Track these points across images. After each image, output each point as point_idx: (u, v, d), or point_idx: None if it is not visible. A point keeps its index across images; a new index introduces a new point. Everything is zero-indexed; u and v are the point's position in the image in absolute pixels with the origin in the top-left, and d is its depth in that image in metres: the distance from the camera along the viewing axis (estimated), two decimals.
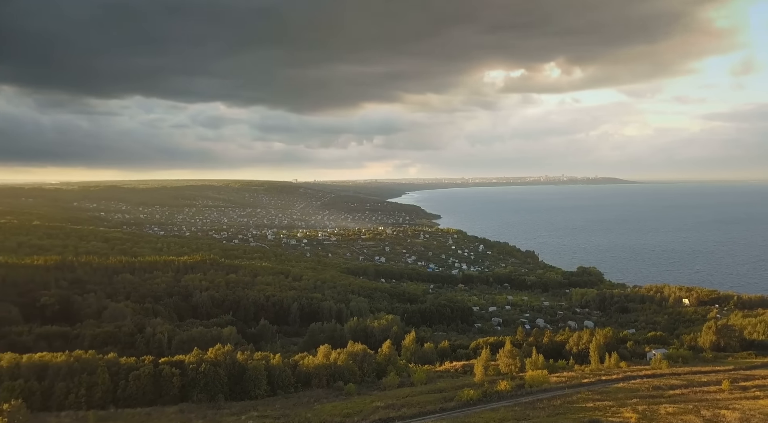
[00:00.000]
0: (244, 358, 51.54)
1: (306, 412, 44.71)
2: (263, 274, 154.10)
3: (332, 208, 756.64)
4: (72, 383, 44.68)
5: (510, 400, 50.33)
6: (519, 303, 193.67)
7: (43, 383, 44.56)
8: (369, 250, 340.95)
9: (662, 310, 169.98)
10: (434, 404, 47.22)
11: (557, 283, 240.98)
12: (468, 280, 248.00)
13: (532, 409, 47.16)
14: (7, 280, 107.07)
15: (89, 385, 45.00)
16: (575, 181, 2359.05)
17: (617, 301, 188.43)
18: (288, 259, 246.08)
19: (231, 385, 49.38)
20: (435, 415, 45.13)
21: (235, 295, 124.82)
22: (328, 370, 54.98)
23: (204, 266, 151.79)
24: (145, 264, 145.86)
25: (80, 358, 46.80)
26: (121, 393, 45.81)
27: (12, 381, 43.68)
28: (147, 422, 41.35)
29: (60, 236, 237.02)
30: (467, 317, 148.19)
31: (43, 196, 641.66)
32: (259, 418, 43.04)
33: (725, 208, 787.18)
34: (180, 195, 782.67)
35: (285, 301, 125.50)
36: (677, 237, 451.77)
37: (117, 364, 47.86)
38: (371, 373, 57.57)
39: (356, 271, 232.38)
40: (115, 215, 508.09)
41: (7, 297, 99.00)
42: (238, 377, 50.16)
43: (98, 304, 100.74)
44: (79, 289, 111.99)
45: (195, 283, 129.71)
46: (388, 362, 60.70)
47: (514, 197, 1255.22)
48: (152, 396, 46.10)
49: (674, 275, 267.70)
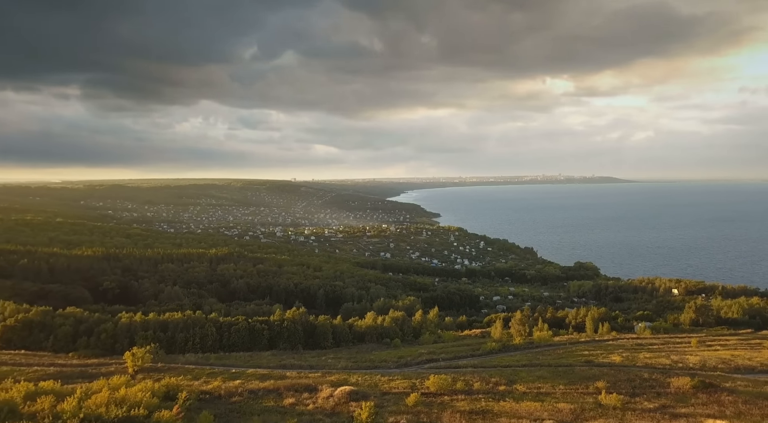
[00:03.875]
0: (314, 319, 65.16)
1: (368, 356, 58.51)
2: (287, 265, 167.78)
3: (334, 206, 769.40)
4: (188, 334, 58.11)
5: (523, 351, 64.24)
6: (520, 293, 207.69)
7: (167, 334, 58.02)
8: (374, 247, 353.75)
9: (653, 299, 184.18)
10: (465, 351, 61.04)
11: (555, 277, 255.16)
12: (471, 274, 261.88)
13: (541, 355, 61.12)
14: (71, 268, 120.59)
15: (201, 336, 58.46)
16: (572, 180, 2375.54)
17: (612, 291, 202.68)
18: (301, 254, 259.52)
19: (306, 339, 62.96)
20: (467, 358, 58.97)
21: (267, 283, 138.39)
22: (377, 330, 68.55)
23: (233, 258, 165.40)
24: (181, 255, 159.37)
25: (191, 317, 60.21)
26: (226, 341, 59.27)
27: (144, 332, 57.24)
28: (251, 359, 55.00)
29: (84, 232, 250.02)
30: (474, 304, 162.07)
31: (49, 195, 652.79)
32: (335, 358, 56.76)
33: (722, 207, 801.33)
34: (184, 194, 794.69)
35: (311, 288, 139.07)
36: (673, 234, 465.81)
37: (218, 322, 61.40)
38: (410, 333, 71.22)
39: (366, 266, 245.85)
40: (123, 213, 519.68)
41: (75, 282, 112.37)
42: (310, 333, 63.72)
43: (154, 288, 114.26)
44: (131, 276, 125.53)
45: (230, 271, 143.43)
46: (422, 326, 74.38)
47: (512, 196, 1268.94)
48: (249, 344, 59.59)
49: (668, 270, 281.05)
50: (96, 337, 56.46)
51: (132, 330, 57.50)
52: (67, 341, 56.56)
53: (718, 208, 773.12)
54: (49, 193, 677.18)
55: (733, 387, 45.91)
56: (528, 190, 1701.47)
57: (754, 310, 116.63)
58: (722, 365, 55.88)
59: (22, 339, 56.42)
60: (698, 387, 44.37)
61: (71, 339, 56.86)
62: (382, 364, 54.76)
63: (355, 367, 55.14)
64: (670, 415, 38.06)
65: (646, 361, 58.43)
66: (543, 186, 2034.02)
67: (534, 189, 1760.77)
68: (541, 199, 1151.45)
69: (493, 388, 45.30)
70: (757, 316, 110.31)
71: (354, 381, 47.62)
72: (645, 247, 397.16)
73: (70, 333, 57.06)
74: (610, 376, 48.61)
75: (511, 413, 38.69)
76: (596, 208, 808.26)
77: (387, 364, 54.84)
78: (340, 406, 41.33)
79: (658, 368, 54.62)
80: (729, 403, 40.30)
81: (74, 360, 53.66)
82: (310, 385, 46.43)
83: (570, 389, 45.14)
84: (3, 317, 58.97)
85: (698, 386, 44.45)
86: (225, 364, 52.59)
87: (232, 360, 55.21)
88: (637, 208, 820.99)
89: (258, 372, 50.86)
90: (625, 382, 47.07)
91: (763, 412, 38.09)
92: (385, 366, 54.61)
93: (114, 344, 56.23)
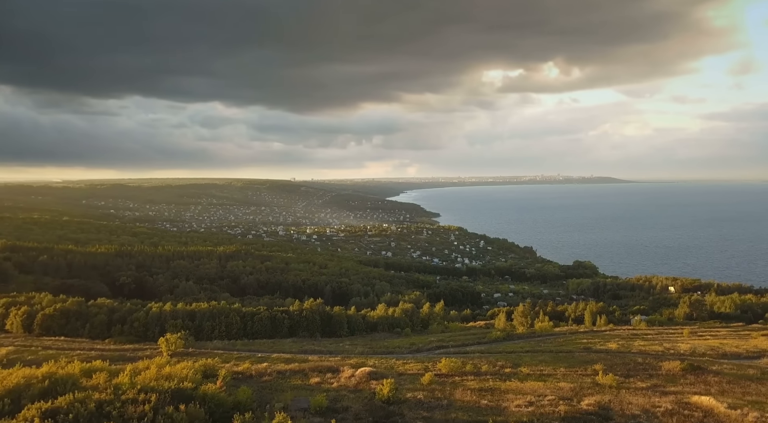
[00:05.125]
0: (329, 309, 69.74)
1: (382, 343, 62.89)
2: (293, 262, 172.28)
3: (334, 206, 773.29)
4: (214, 323, 62.50)
5: (526, 339, 68.60)
6: (521, 291, 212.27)
7: (194, 322, 62.40)
8: (376, 246, 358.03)
9: (649, 296, 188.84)
10: (472, 339, 65.40)
11: (554, 276, 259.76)
12: (471, 272, 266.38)
13: (543, 343, 65.49)
14: (88, 264, 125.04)
15: (227, 324, 62.86)
16: (571, 180, 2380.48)
17: (610, 288, 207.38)
18: (305, 252, 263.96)
19: (323, 327, 67.40)
20: (474, 346, 63.34)
21: (276, 279, 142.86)
22: (388, 320, 73.03)
23: (241, 255, 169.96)
24: (191, 253, 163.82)
25: (216, 307, 64.75)
26: (249, 329, 63.61)
27: (174, 320, 61.64)
28: (274, 345, 59.28)
29: (92, 231, 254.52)
30: (476, 300, 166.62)
31: (51, 194, 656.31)
32: (351, 345, 61.08)
33: (720, 207, 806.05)
34: (184, 193, 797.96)
35: (319, 284, 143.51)
36: (671, 234, 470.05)
37: (241, 311, 65.89)
38: (418, 324, 75.71)
39: (369, 264, 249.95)
40: (125, 213, 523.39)
41: (93, 277, 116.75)
42: (327, 322, 68.18)
43: (169, 284, 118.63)
44: (145, 272, 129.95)
45: (239, 268, 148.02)
46: (429, 317, 78.96)
47: (511, 196, 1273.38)
48: (270, 332, 63.96)
49: (666, 269, 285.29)
50: (129, 325, 60.83)
51: (162, 319, 61.90)
52: (102, 329, 60.93)
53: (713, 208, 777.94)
54: (51, 193, 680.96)
55: (719, 370, 50.03)
56: (527, 190, 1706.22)
57: (746, 305, 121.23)
58: (710, 352, 60.21)
59: (60, 327, 60.75)
60: (687, 369, 48.44)
61: (106, 327, 61.23)
62: (396, 350, 59.10)
63: (371, 352, 59.45)
64: (661, 392, 42.01)
65: (640, 348, 62.82)
66: (542, 186, 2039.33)
67: (533, 189, 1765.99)
68: (540, 199, 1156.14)
69: (500, 370, 49.45)
70: (748, 311, 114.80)
71: (371, 364, 51.78)
72: (643, 246, 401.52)
73: (105, 321, 61.44)
74: (607, 360, 52.88)
75: (517, 391, 42.71)
76: (595, 208, 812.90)
77: (400, 349, 59.18)
78: (362, 384, 45.39)
79: (651, 354, 58.96)
80: (714, 383, 44.11)
81: (111, 345, 57.92)
82: (332, 367, 50.60)
83: (570, 371, 49.39)
84: (41, 307, 63.29)
85: (687, 369, 48.52)
86: (251, 350, 56.87)
87: (257, 346, 59.45)
88: (635, 208, 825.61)
89: (282, 356, 55.09)
90: (621, 366, 51.35)
91: (745, 390, 42.05)
92: (398, 351, 58.94)
93: (146, 332, 60.59)
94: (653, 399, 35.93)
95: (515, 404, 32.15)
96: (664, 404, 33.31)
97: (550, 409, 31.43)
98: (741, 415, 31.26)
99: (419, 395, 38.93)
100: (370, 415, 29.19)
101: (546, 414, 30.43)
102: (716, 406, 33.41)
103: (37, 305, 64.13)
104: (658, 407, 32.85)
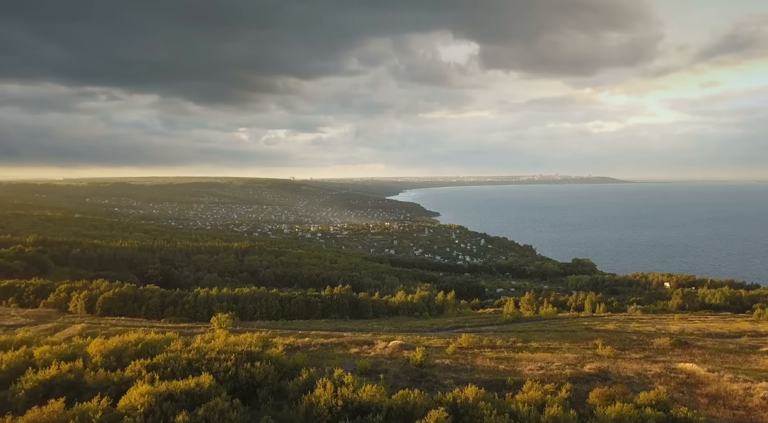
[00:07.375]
0: (356, 295, 77.58)
1: (405, 323, 70.69)
2: (305, 258, 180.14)
3: (335, 205, 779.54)
4: (256, 305, 70.10)
5: (534, 322, 76.42)
6: (522, 286, 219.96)
7: (238, 305, 70.02)
8: (379, 244, 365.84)
9: (646, 291, 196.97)
10: (485, 322, 73.18)
11: (554, 273, 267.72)
12: (473, 269, 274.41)
13: (548, 324, 73.29)
14: (117, 257, 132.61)
15: (267, 307, 70.51)
16: (569, 180, 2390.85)
17: (608, 284, 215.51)
18: (311, 249, 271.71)
19: (351, 310, 75.14)
20: (487, 326, 71.16)
21: (291, 273, 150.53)
22: (407, 305, 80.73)
23: (255, 251, 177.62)
24: (209, 248, 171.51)
25: (257, 291, 72.43)
26: (287, 311, 71.19)
27: (220, 303, 69.28)
28: (310, 325, 66.88)
29: (104, 227, 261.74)
30: (480, 294, 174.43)
31: (55, 193, 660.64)
32: (378, 324, 68.82)
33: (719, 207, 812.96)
34: (187, 192, 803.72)
35: (332, 278, 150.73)
36: (670, 233, 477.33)
37: (278, 296, 73.59)
38: (434, 309, 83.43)
39: (374, 260, 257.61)
40: (129, 211, 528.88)
41: (124, 270, 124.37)
42: (354, 306, 75.88)
43: (193, 276, 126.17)
44: (170, 265, 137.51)
45: (257, 262, 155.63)
46: (444, 304, 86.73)
47: (510, 196, 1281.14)
48: (306, 314, 71.55)
49: (662, 266, 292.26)
50: (180, 307, 68.34)
51: (209, 302, 69.47)
52: (156, 310, 68.47)
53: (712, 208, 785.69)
54: (55, 191, 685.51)
55: (703, 345, 57.94)
56: (526, 190, 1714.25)
57: (736, 297, 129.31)
58: (697, 332, 68.10)
59: (119, 308, 68.28)
60: (675, 344, 56.29)
61: (159, 309, 68.76)
62: (419, 329, 66.91)
63: (397, 330, 67.22)
64: (652, 361, 49.73)
65: (635, 329, 70.72)
66: (540, 186, 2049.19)
67: (532, 188, 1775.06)
68: (539, 198, 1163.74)
69: (513, 344, 57.20)
70: (737, 303, 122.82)
71: (400, 338, 59.60)
72: (641, 245, 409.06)
73: (158, 304, 68.97)
74: (606, 337, 60.69)
75: (529, 359, 50.38)
76: (593, 208, 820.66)
77: (422, 329, 66.97)
78: (396, 353, 53.19)
79: (645, 333, 66.95)
80: (698, 355, 51.80)
81: (168, 324, 65.55)
82: (367, 340, 58.37)
83: (574, 345, 57.24)
84: (100, 291, 70.91)
85: (675, 344, 56.36)
86: (291, 328, 64.59)
87: (295, 325, 67.12)
88: (634, 207, 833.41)
89: (320, 333, 62.84)
90: (617, 341, 59.26)
91: (724, 360, 49.78)
92: (421, 330, 66.74)
93: (195, 313, 68.07)
94: (645, 365, 43.66)
95: (528, 368, 39.34)
96: (654, 369, 40.78)
97: (558, 371, 38.65)
98: (718, 376, 38.93)
99: (446, 361, 46.50)
100: (407, 375, 36.38)
101: (555, 375, 37.70)
102: (698, 370, 41.15)
103: (96, 290, 71.69)
104: (649, 371, 40.43)
